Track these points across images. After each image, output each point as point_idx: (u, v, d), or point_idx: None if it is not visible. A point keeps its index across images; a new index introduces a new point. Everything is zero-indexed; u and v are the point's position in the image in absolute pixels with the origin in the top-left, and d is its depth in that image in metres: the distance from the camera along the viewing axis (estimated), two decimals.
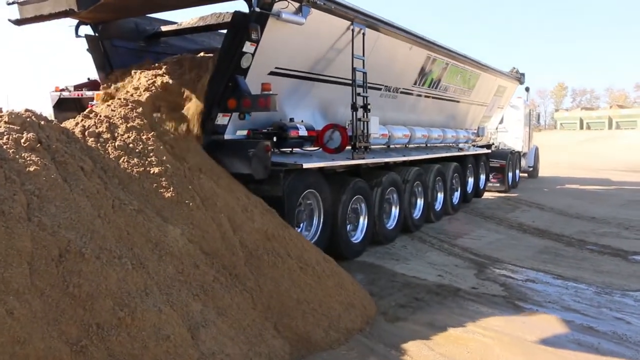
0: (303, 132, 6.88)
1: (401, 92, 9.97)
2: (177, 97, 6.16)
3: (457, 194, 12.62)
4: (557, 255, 8.36)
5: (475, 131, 15.01)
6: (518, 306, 5.90)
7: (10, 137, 4.25)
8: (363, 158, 7.75)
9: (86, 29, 7.42)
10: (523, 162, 20.87)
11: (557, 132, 61.55)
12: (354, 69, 7.41)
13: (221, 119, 6.12)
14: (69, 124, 5.40)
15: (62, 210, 3.95)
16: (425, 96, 11.16)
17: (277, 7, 5.99)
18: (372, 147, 8.37)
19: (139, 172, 4.87)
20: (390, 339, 4.92)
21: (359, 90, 7.54)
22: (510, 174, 17.42)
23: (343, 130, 7.13)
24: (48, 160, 4.28)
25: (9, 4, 6.69)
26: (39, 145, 4.32)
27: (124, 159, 4.94)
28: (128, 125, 5.34)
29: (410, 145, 10.75)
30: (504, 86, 16.48)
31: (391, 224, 9.12)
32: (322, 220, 7.10)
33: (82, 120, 5.40)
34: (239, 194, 5.50)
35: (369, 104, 7.64)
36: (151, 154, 5.10)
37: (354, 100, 7.37)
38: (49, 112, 13.53)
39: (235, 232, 4.92)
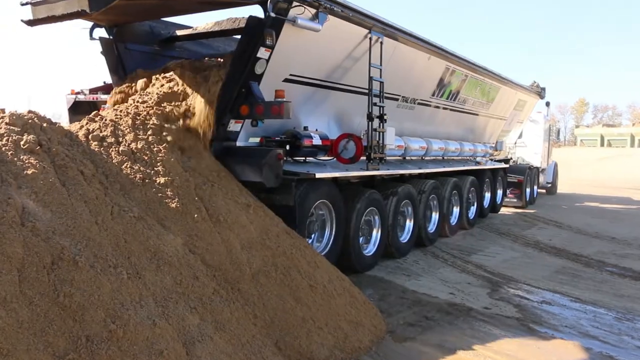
0: (317, 141, 6.71)
1: (418, 103, 9.75)
2: (190, 103, 6.03)
3: (473, 209, 12.34)
4: (575, 277, 8.06)
5: (494, 145, 14.75)
6: (533, 329, 5.63)
7: (10, 139, 4.14)
8: (378, 169, 7.55)
9: (101, 32, 7.34)
10: (541, 178, 20.50)
11: (577, 149, 60.80)
12: (370, 78, 7.23)
13: (233, 126, 5.98)
14: (73, 126, 5.28)
15: (58, 216, 3.81)
16: (443, 108, 10.93)
17: (293, 12, 5.84)
18: (388, 158, 8.16)
19: (142, 178, 4.72)
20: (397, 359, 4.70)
21: (376, 100, 7.36)
22: (528, 190, 17.08)
23: (358, 140, 6.95)
24: (47, 163, 4.16)
25: (22, 4, 6.62)
26: (38, 147, 4.20)
27: (127, 165, 4.79)
28: (137, 134, 5.20)
29: (427, 158, 10.53)
30: (523, 100, 16.19)
31: (405, 237, 8.90)
32: (334, 231, 6.91)
33: (87, 123, 5.29)
34: (256, 210, 5.32)
35: (385, 114, 7.45)
36: (159, 164, 4.95)
37: (370, 110, 7.19)
38: (64, 114, 13.60)
39: (244, 249, 4.73)
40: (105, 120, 5.29)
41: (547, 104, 20.43)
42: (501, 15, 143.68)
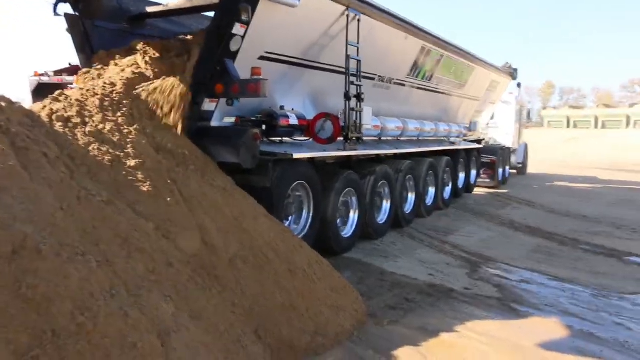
0: (294, 120, 6.50)
1: (394, 83, 9.59)
2: (162, 82, 5.73)
3: (448, 189, 12.31)
4: (551, 255, 8.07)
5: (468, 126, 14.73)
6: (514, 309, 5.58)
7: None
8: (355, 149, 7.38)
9: (66, 7, 6.95)
10: (512, 159, 20.64)
11: (544, 130, 61.57)
12: (348, 56, 7.03)
13: (208, 105, 5.71)
14: (36, 107, 4.96)
15: (19, 201, 3.52)
16: (419, 88, 10.79)
17: None
18: (364, 138, 7.99)
19: (111, 160, 4.44)
20: (380, 344, 4.57)
21: (353, 79, 7.16)
22: (500, 170, 17.16)
23: (335, 119, 6.76)
24: (6, 145, 3.84)
25: None
26: None
27: (94, 146, 4.49)
28: (106, 116, 4.90)
29: (402, 138, 10.39)
30: (496, 81, 16.21)
31: (382, 218, 8.78)
32: (312, 213, 6.74)
33: (50, 103, 4.95)
34: (232, 192, 5.09)
35: (362, 94, 7.26)
36: (129, 146, 4.67)
37: (347, 89, 6.99)
38: (28, 98, 13.04)
39: (220, 232, 4.50)
40: (71, 100, 4.98)
41: (519, 85, 20.52)
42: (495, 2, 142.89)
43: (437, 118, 12.48)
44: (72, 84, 6.80)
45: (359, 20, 7.30)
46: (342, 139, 7.10)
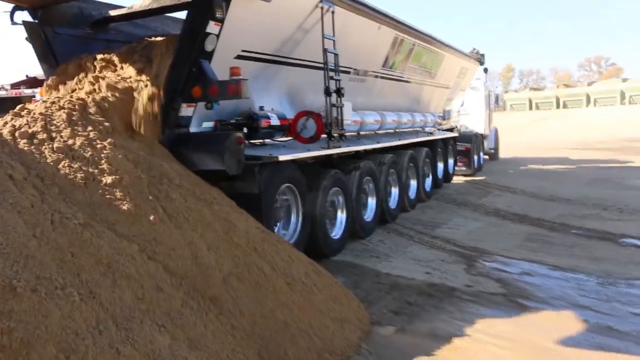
0: (275, 121, 6.14)
1: (369, 76, 9.30)
2: (134, 89, 5.31)
3: (428, 180, 12.07)
4: (545, 243, 7.90)
5: (441, 114, 14.55)
6: (522, 305, 5.33)
7: None
8: (339, 147, 7.06)
9: (23, 15, 6.46)
10: (485, 144, 20.61)
11: (507, 113, 62.22)
12: (325, 50, 6.70)
13: (185, 110, 5.33)
14: None
15: None
16: (393, 79, 10.52)
17: None
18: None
19: (85, 178, 4.01)
20: (391, 356, 4.27)
21: (332, 73, 6.84)
22: (475, 157, 17.09)
23: (318, 117, 6.42)
24: None
25: None
26: None
27: (65, 163, 4.05)
28: (75, 130, 4.46)
29: (380, 132, 10.12)
30: (465, 67, 16.08)
31: (369, 215, 8.48)
32: (301, 217, 6.41)
33: (12, 119, 4.51)
34: (220, 204, 4.71)
35: (342, 88, 6.94)
36: (103, 162, 4.24)
37: (327, 84, 6.66)
38: None
39: (210, 249, 4.12)
40: (34, 114, 4.52)
41: (485, 70, 20.42)
42: None
43: (412, 109, 12.24)
44: (32, 97, 6.32)
45: (333, 12, 6.98)
46: (324, 136, 6.77)
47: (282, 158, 5.74)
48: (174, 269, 3.85)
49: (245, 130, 5.78)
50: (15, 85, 12.62)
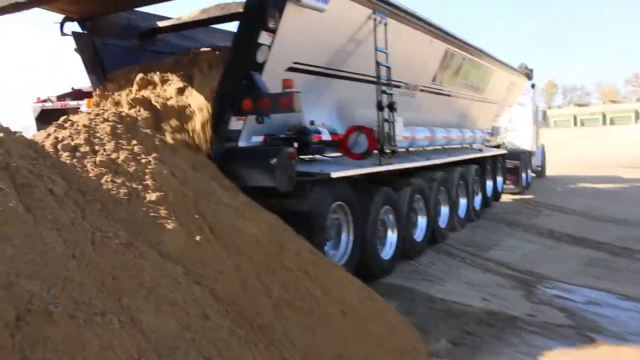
0: (326, 136, 5.87)
1: (420, 90, 8.96)
2: (182, 102, 5.12)
3: (477, 199, 11.61)
4: (608, 269, 7.35)
5: (490, 131, 14.08)
6: (594, 340, 4.85)
7: None
8: (391, 163, 6.74)
9: (73, 26, 6.44)
10: (532, 162, 19.94)
11: (552, 130, 60.80)
12: (378, 63, 6.41)
13: (235, 124, 5.12)
14: (39, 135, 4.34)
15: (22, 252, 2.87)
16: (442, 94, 10.15)
17: None
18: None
19: (128, 194, 3.78)
20: None
21: (384, 87, 6.54)
22: (524, 175, 16.49)
23: (369, 132, 6.12)
24: (6, 183, 3.22)
25: None
26: None
27: (107, 178, 3.84)
28: (119, 143, 4.26)
29: (430, 148, 9.74)
30: (514, 82, 15.57)
31: (419, 235, 8.11)
32: (352, 237, 6.08)
33: (55, 130, 4.34)
34: (270, 223, 4.44)
35: (395, 103, 6.62)
36: (147, 177, 4.02)
37: (380, 99, 6.35)
38: (33, 126, 12.48)
39: (260, 274, 3.83)
40: (77, 126, 4.35)
41: (533, 85, 19.80)
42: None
43: (460, 124, 11.84)
44: (79, 108, 6.27)
45: (385, 24, 6.70)
46: (376, 152, 6.46)
47: (334, 175, 5.45)
48: (220, 294, 3.56)
49: (295, 145, 5.51)
50: (60, 97, 12.71)
